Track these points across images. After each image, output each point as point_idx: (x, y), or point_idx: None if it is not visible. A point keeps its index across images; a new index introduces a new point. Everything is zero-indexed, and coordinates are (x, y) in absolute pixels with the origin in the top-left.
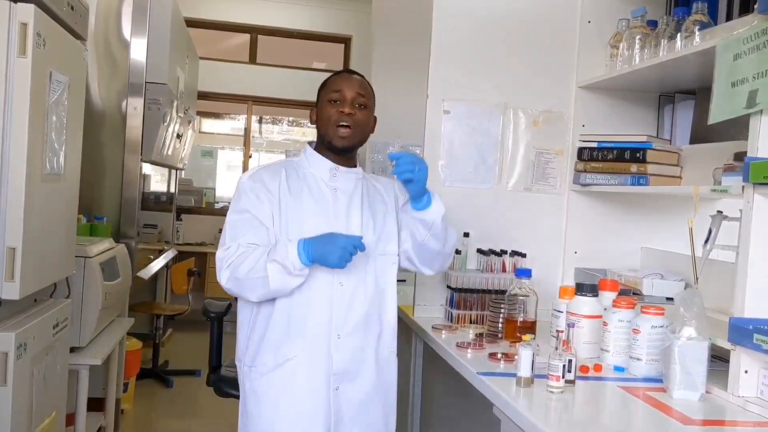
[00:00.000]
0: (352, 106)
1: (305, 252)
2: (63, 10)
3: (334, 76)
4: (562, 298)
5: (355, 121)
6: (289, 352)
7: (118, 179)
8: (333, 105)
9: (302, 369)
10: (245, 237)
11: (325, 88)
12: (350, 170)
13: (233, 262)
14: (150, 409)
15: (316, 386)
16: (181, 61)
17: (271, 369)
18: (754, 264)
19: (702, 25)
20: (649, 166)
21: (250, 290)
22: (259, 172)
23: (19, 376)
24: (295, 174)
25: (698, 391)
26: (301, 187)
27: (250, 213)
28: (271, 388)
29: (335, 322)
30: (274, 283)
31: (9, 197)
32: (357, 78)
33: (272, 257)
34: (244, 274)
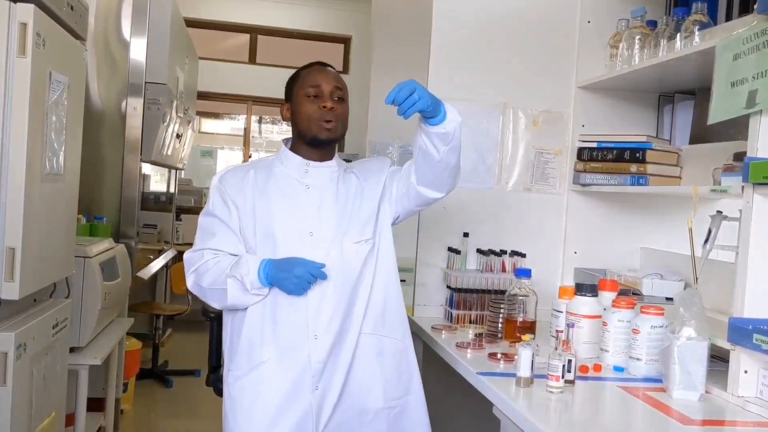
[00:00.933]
0: (332, 100)
1: (265, 273)
2: (63, 10)
3: (307, 69)
4: (562, 298)
5: (336, 114)
6: (262, 355)
7: (118, 179)
8: (312, 100)
9: (276, 373)
10: (212, 242)
11: (299, 82)
12: (323, 164)
13: (198, 268)
14: (150, 409)
15: (293, 389)
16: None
17: (245, 373)
18: (753, 264)
19: (701, 25)
20: (648, 166)
21: (212, 299)
22: (228, 173)
23: (18, 376)
24: (265, 173)
25: (698, 391)
26: (270, 187)
27: (217, 218)
28: (244, 393)
29: (310, 322)
30: (232, 299)
31: (9, 197)
32: (332, 71)
33: (233, 272)
34: (207, 283)
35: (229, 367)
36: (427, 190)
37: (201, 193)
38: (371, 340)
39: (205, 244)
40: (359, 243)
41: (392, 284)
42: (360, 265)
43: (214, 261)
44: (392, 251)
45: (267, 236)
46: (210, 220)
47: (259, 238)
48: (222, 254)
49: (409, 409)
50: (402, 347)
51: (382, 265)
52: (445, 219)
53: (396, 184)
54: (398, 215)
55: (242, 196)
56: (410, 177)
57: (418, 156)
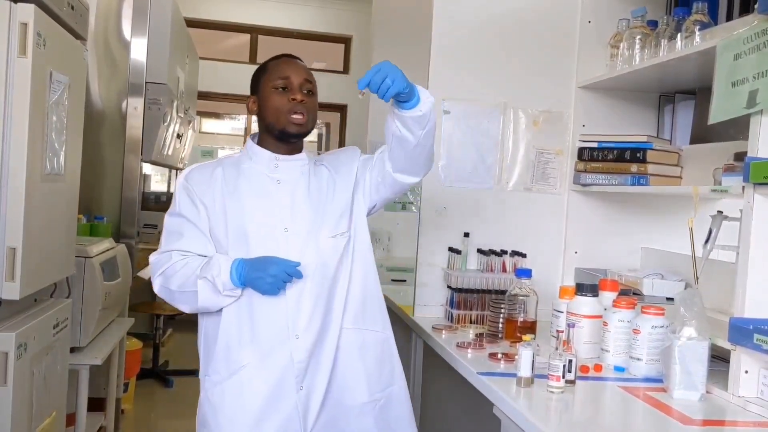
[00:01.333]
0: (302, 93)
1: (238, 273)
2: (63, 10)
3: (275, 61)
4: (563, 298)
5: (307, 107)
6: (242, 359)
7: (118, 179)
8: (281, 93)
9: (257, 376)
10: (179, 243)
11: (267, 75)
12: (293, 158)
13: (166, 270)
14: (150, 409)
15: (276, 391)
16: (181, 61)
17: (224, 378)
18: (754, 264)
19: (702, 25)
20: (649, 166)
21: (181, 303)
22: (194, 171)
23: (19, 376)
24: (233, 171)
25: (698, 391)
26: (241, 184)
27: (184, 217)
28: (225, 398)
29: (290, 322)
30: (203, 301)
31: (9, 197)
32: (301, 63)
33: (204, 273)
34: (175, 286)
35: (206, 372)
36: (403, 176)
37: None
38: (352, 335)
39: (172, 246)
40: (335, 237)
41: (370, 276)
42: (337, 259)
43: (183, 263)
44: (368, 242)
45: (240, 235)
46: (177, 220)
47: (232, 238)
48: (191, 255)
49: (393, 400)
50: (382, 338)
51: (359, 258)
52: (445, 219)
53: (369, 174)
54: (374, 204)
55: (211, 195)
56: (384, 165)
57: (393, 143)
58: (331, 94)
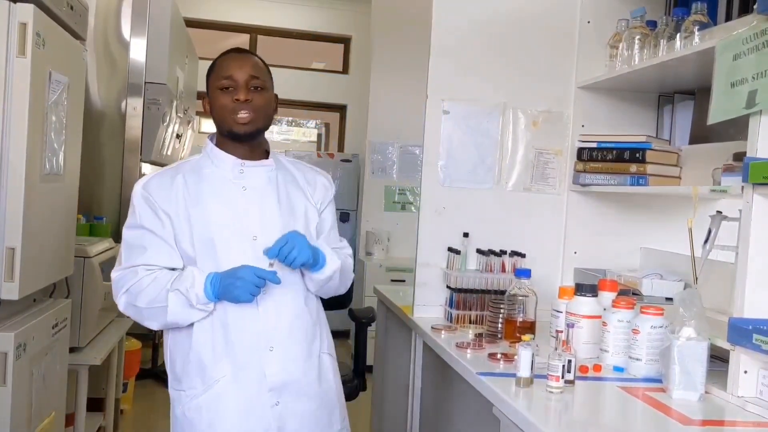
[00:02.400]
0: (247, 91)
1: (212, 287)
2: (62, 10)
3: (220, 59)
4: (562, 299)
5: (253, 107)
6: (217, 372)
7: (118, 179)
8: (225, 93)
9: (233, 390)
10: (143, 257)
11: (213, 74)
12: (259, 163)
13: (131, 288)
14: (149, 409)
15: (251, 405)
16: (180, 61)
17: (200, 392)
18: (753, 264)
19: (701, 26)
20: (648, 167)
21: (149, 319)
22: (153, 180)
23: (18, 376)
24: (195, 177)
25: (697, 391)
26: (204, 192)
27: (146, 229)
28: (202, 414)
29: (264, 333)
30: (173, 315)
31: (8, 197)
32: (248, 57)
33: (176, 286)
34: (144, 303)
35: (178, 387)
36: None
37: None
38: (330, 361)
39: (136, 261)
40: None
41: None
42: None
43: (150, 278)
44: None
45: (206, 243)
46: (138, 232)
47: (198, 247)
48: (157, 269)
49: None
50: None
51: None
52: (445, 219)
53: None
54: None
55: (173, 204)
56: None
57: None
58: (331, 94)
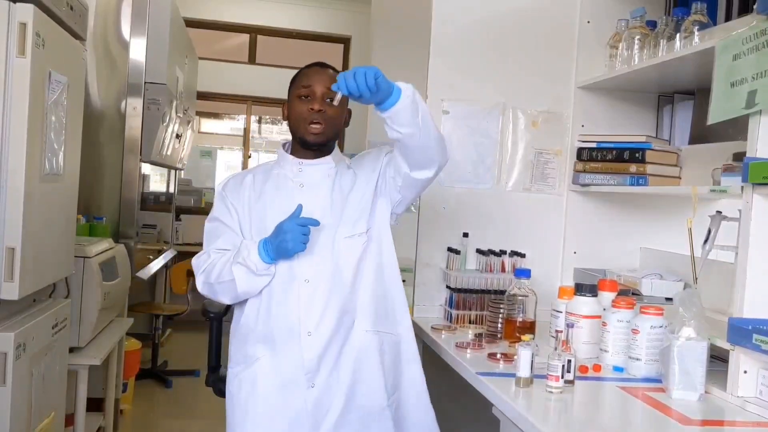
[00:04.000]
0: (322, 102)
1: (265, 250)
2: (62, 10)
3: (304, 70)
4: (562, 299)
5: (325, 117)
6: (257, 352)
7: (118, 179)
8: (303, 101)
9: (269, 370)
10: (216, 243)
11: (295, 83)
12: (317, 161)
13: (206, 268)
14: (149, 409)
15: (286, 386)
16: (180, 61)
17: (241, 369)
18: (753, 264)
19: (701, 26)
20: (648, 167)
21: (222, 294)
22: (229, 181)
23: (18, 377)
24: (263, 177)
25: (697, 391)
26: (267, 188)
27: (220, 221)
28: (241, 390)
29: (303, 320)
30: (242, 285)
31: (8, 197)
32: (328, 71)
33: (236, 260)
34: (214, 279)
35: (230, 364)
36: (420, 173)
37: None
38: (374, 338)
39: (211, 246)
40: (352, 237)
41: (393, 278)
42: (355, 260)
43: (218, 256)
44: (391, 244)
45: (261, 234)
46: (214, 224)
47: (255, 237)
48: (227, 252)
49: (409, 406)
50: (398, 342)
51: (380, 259)
52: (444, 219)
53: (390, 175)
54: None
55: (240, 199)
56: (401, 166)
57: (399, 146)
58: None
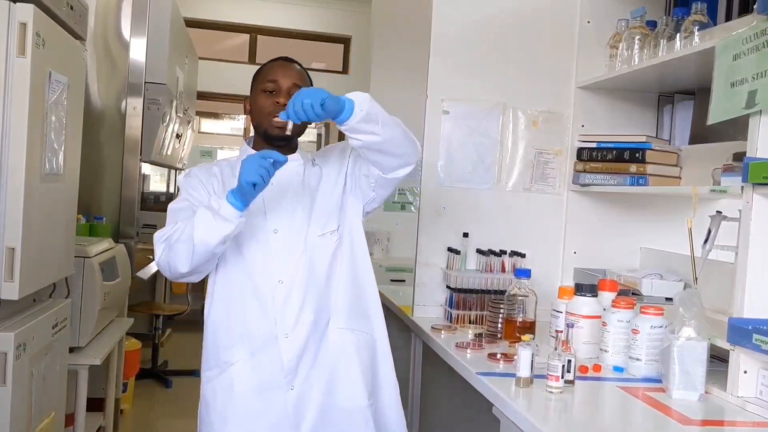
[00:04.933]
0: (288, 96)
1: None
2: (62, 10)
3: (269, 64)
4: (562, 299)
5: None
6: (231, 356)
7: (118, 179)
8: (268, 95)
9: (246, 374)
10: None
11: (259, 77)
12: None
13: (170, 235)
14: (149, 409)
15: (265, 390)
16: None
17: (215, 375)
18: (753, 264)
19: (701, 26)
20: (648, 167)
21: (179, 255)
22: (193, 170)
23: (18, 376)
24: (229, 172)
25: (697, 391)
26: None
27: (189, 201)
28: (217, 396)
29: (279, 321)
30: (199, 230)
31: (8, 197)
32: (294, 66)
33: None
34: (176, 237)
35: (203, 368)
36: (395, 173)
37: None
38: (349, 336)
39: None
40: (323, 236)
41: (366, 275)
42: (328, 258)
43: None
44: (363, 241)
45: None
46: (184, 204)
47: None
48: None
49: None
50: (373, 340)
51: (353, 258)
52: (444, 219)
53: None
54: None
55: (211, 187)
56: (373, 169)
57: (366, 154)
58: None
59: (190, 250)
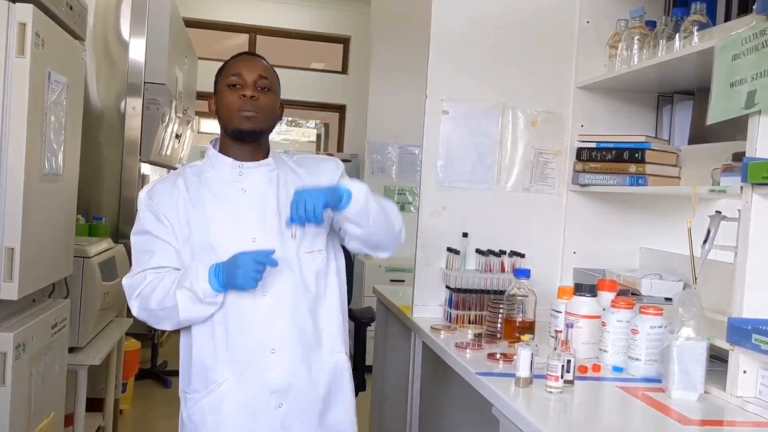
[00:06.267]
0: (255, 89)
1: (216, 277)
2: (62, 10)
3: (232, 59)
4: (561, 299)
5: (258, 105)
6: (218, 376)
7: (117, 179)
8: (233, 90)
9: (235, 393)
10: (152, 261)
11: (223, 73)
12: (258, 164)
13: (142, 291)
14: (148, 409)
15: (253, 408)
16: (179, 61)
17: (203, 396)
18: (752, 264)
19: (700, 26)
20: (647, 167)
21: (163, 321)
22: (156, 186)
23: (17, 377)
24: (196, 181)
25: (697, 391)
26: (203, 196)
27: (152, 234)
28: (207, 417)
29: (266, 336)
30: (185, 312)
31: (7, 197)
32: (258, 59)
33: (182, 283)
34: (155, 305)
35: (185, 389)
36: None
37: None
38: (343, 359)
39: (145, 265)
40: (311, 253)
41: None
42: (314, 275)
43: (158, 279)
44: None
45: (205, 248)
46: (144, 238)
47: (198, 250)
48: (164, 271)
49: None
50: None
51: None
52: (444, 219)
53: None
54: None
55: (174, 209)
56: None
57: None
58: (330, 94)
59: (176, 322)
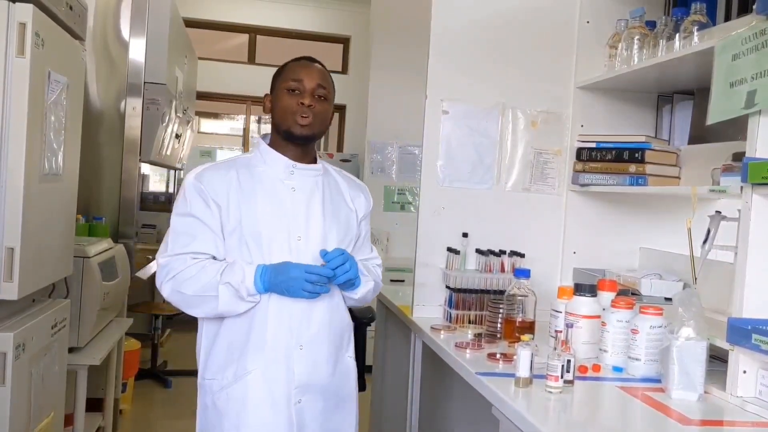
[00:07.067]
0: (312, 98)
1: (262, 280)
2: (62, 10)
3: (293, 63)
4: (561, 298)
5: (314, 113)
6: (249, 365)
7: (117, 179)
8: (292, 95)
9: (261, 383)
10: (192, 246)
11: (282, 75)
12: (309, 167)
13: (178, 275)
14: (148, 409)
15: (276, 400)
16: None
17: (231, 382)
18: (752, 264)
19: (700, 26)
20: (647, 167)
21: (195, 307)
22: (207, 171)
23: (17, 377)
24: (247, 173)
25: (696, 391)
26: (255, 188)
27: (196, 218)
28: (231, 402)
29: (296, 333)
30: (224, 306)
31: (7, 197)
32: (318, 67)
33: (226, 279)
34: (192, 291)
35: (209, 375)
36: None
37: None
38: (353, 361)
39: (185, 249)
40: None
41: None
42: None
43: (198, 266)
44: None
45: (254, 239)
46: (188, 221)
47: (246, 241)
48: (203, 258)
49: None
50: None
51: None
52: (444, 219)
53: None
54: None
55: (225, 196)
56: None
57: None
58: None
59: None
